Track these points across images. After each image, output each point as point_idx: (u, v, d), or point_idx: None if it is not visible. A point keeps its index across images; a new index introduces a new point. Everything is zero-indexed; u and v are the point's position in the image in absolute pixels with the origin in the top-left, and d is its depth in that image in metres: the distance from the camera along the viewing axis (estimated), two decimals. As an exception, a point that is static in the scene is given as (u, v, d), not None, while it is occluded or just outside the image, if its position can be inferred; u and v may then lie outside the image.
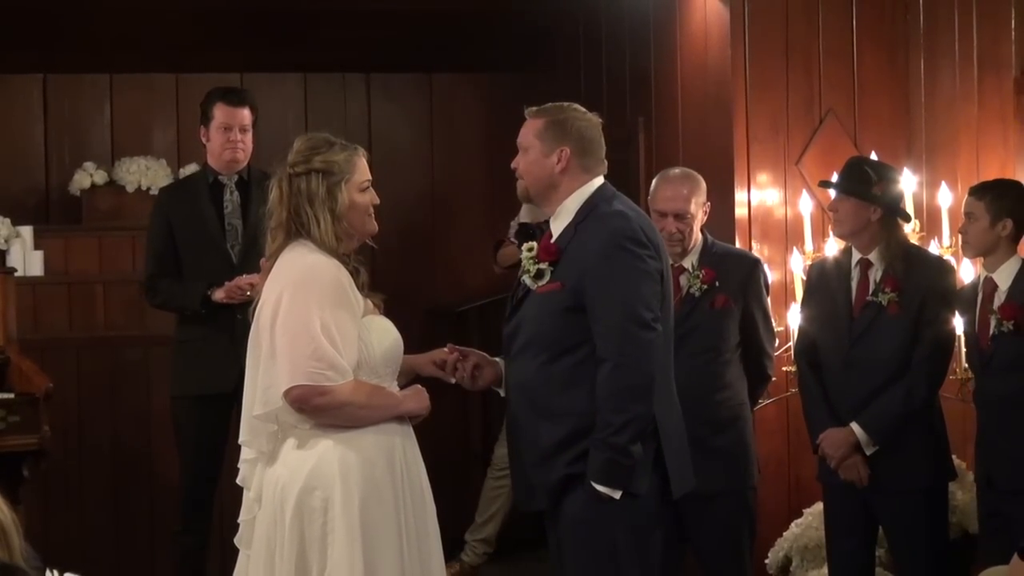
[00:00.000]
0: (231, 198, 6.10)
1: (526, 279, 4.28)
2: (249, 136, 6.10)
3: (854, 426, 5.09)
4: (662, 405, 4.23)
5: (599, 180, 4.32)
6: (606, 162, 4.36)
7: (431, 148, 8.40)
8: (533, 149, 4.30)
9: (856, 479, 5.11)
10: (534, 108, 4.36)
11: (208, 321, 5.96)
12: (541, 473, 4.23)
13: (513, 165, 4.37)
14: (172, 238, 6.07)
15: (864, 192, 5.11)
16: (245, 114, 6.09)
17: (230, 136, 6.05)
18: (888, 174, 5.21)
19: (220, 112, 6.06)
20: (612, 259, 4.14)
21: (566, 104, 4.37)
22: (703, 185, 5.25)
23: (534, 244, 4.30)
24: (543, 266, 4.25)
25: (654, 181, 5.33)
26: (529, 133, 4.32)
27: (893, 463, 5.08)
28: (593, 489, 4.12)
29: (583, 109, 4.36)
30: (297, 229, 4.11)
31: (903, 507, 5.11)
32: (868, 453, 5.09)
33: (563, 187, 4.29)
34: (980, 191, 5.06)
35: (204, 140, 6.14)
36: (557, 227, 4.31)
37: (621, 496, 4.12)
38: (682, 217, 5.19)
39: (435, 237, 8.36)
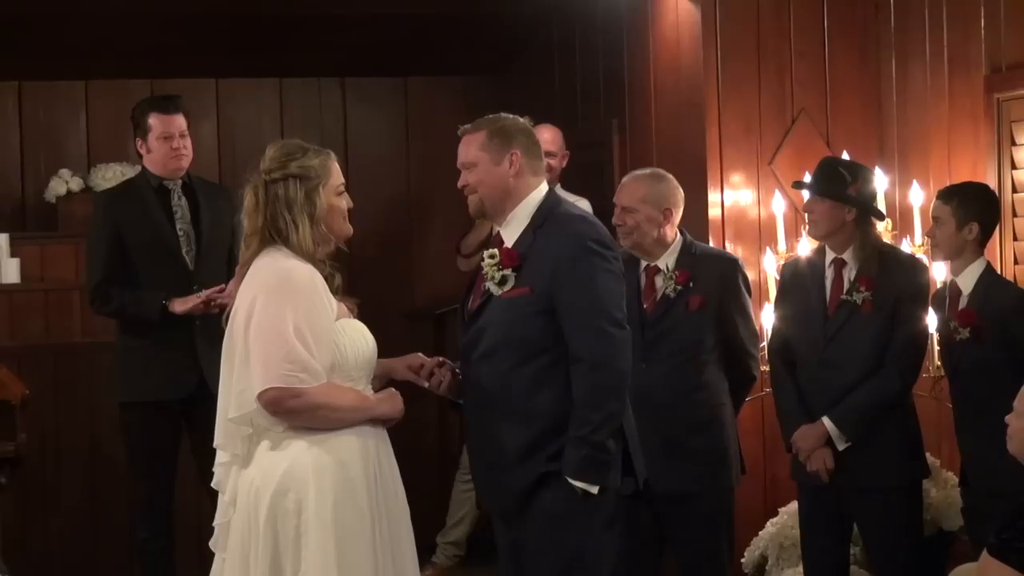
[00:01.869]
0: (180, 203, 6.02)
1: (490, 285, 4.30)
2: (188, 141, 6.04)
3: (825, 420, 5.11)
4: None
5: (544, 185, 4.39)
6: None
7: (407, 152, 8.40)
8: (481, 162, 4.31)
9: (821, 469, 5.12)
10: (467, 126, 4.37)
11: (160, 327, 5.88)
12: (511, 475, 4.25)
13: (460, 184, 4.38)
14: (120, 243, 5.94)
15: (839, 193, 5.13)
16: (181, 120, 6.01)
17: (173, 144, 5.96)
18: (862, 174, 5.23)
19: (157, 122, 5.96)
20: (582, 261, 4.20)
21: (496, 115, 4.39)
22: (668, 191, 5.22)
23: (496, 251, 4.32)
24: (507, 272, 4.28)
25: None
26: (472, 148, 4.33)
27: (867, 461, 5.10)
28: (570, 485, 4.16)
29: (513, 116, 4.40)
30: (272, 236, 4.10)
31: (878, 505, 5.12)
32: (840, 448, 5.11)
33: (516, 193, 4.32)
34: (947, 195, 5.08)
35: (142, 151, 6.03)
36: (510, 233, 4.34)
37: (597, 490, 4.18)
38: (629, 211, 5.19)
39: (412, 241, 8.37)
